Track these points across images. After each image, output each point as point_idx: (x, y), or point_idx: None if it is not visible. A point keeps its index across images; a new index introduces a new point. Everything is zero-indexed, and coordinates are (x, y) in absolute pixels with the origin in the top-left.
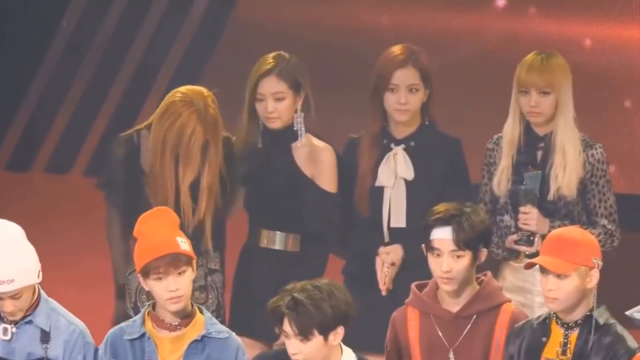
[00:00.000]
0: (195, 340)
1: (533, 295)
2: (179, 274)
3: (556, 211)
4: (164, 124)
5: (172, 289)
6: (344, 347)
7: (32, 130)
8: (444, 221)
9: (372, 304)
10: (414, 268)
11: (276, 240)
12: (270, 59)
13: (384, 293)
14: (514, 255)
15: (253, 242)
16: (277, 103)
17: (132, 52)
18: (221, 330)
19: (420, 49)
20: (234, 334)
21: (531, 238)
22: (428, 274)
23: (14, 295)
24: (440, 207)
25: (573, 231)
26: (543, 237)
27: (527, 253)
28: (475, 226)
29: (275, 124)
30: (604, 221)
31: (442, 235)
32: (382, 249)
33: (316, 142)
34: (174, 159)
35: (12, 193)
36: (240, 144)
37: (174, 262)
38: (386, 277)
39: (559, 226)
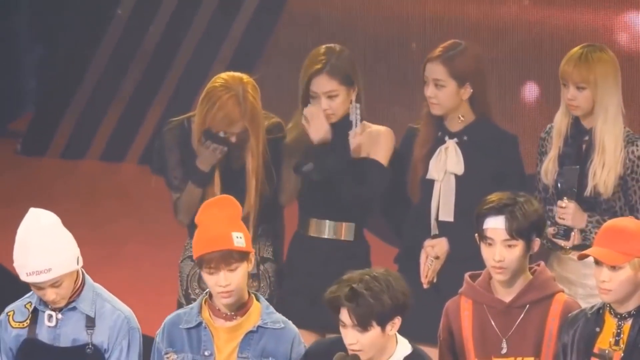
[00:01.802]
0: (251, 331)
1: (576, 287)
2: (230, 270)
3: (597, 205)
4: (204, 109)
5: (222, 284)
6: (399, 337)
7: (86, 119)
8: (497, 210)
9: (420, 293)
10: (461, 263)
11: (325, 229)
12: (320, 55)
13: (425, 286)
14: (560, 246)
15: (302, 231)
16: (330, 100)
17: (186, 42)
18: (277, 320)
19: (463, 47)
20: (290, 323)
21: (568, 232)
22: (473, 269)
23: (54, 284)
24: (494, 197)
25: (627, 222)
26: (582, 231)
27: (564, 246)
28: (529, 216)
29: (330, 120)
30: None
31: (495, 225)
32: (427, 242)
33: (373, 127)
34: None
35: (67, 181)
36: (297, 136)
37: (225, 258)
38: (429, 270)
39: (597, 221)
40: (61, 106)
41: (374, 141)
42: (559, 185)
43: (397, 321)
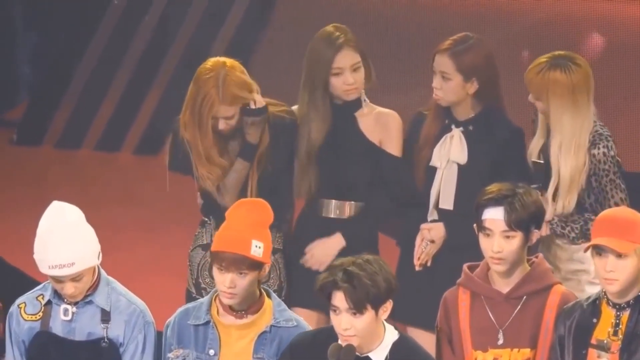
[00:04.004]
0: (265, 332)
1: (560, 272)
2: (239, 274)
3: None
4: (189, 90)
5: (227, 285)
6: (386, 324)
7: (82, 108)
8: (496, 201)
9: (414, 278)
10: (456, 250)
11: (331, 209)
12: (335, 32)
13: (417, 268)
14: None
15: (309, 211)
16: (355, 74)
17: (182, 31)
18: (289, 318)
19: (472, 42)
20: (302, 320)
21: None
22: (469, 257)
23: (75, 278)
24: (493, 187)
25: (624, 212)
26: (549, 222)
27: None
28: (527, 207)
29: (353, 95)
30: None
31: (494, 216)
32: (424, 225)
33: (379, 108)
34: (194, 123)
35: (63, 170)
36: (314, 120)
37: (236, 262)
38: (423, 253)
39: (564, 215)
40: (56, 96)
41: (384, 127)
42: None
43: (389, 305)
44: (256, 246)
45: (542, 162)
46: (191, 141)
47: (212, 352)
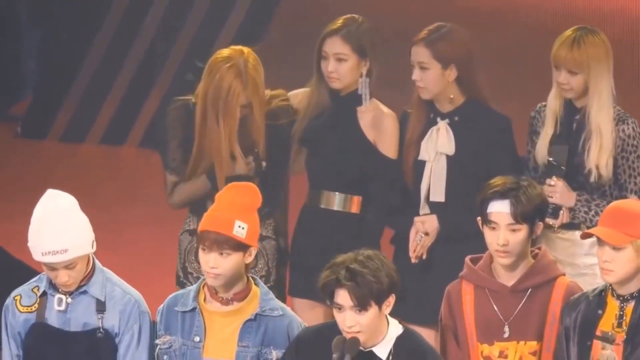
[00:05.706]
0: (250, 320)
1: (564, 266)
2: (222, 254)
3: (586, 184)
4: (206, 82)
5: (210, 265)
6: (389, 318)
7: (87, 102)
8: (501, 194)
9: (412, 274)
10: (451, 242)
11: (335, 201)
12: (340, 20)
13: (413, 260)
14: (548, 225)
15: (312, 202)
16: (338, 64)
17: (187, 25)
18: (275, 307)
19: (447, 30)
20: (288, 309)
21: (556, 210)
22: (465, 249)
23: (68, 266)
24: (498, 181)
25: (632, 204)
26: (570, 209)
27: (552, 225)
28: (533, 199)
29: (335, 84)
30: (634, 197)
31: (499, 209)
32: (417, 218)
33: (381, 107)
34: (215, 114)
35: (67, 164)
36: (310, 102)
37: (218, 242)
38: (418, 246)
39: (587, 200)
40: (61, 89)
41: (378, 127)
42: (548, 163)
43: (392, 300)
44: (239, 227)
45: (566, 145)
46: (203, 131)
47: (197, 338)
